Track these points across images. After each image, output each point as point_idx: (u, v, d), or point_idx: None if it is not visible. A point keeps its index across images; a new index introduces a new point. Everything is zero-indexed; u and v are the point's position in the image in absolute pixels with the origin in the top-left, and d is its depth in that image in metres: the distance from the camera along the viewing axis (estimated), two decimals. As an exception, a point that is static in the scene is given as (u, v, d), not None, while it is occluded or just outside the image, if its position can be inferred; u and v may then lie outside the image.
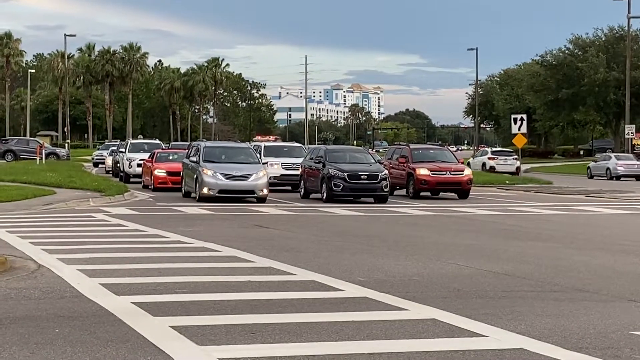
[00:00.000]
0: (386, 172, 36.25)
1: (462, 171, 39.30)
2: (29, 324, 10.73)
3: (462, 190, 38.87)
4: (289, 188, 41.77)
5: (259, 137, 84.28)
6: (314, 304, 12.37)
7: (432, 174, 38.49)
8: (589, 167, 63.38)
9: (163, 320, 10.92)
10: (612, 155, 68.75)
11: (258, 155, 38.87)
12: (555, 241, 21.55)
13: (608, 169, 63.62)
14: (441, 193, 39.74)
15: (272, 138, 72.78)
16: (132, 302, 12.14)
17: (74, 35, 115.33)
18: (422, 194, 39.00)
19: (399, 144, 49.35)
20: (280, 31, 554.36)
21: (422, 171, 38.55)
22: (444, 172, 38.78)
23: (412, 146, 43.28)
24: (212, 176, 33.97)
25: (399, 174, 39.82)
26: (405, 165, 39.71)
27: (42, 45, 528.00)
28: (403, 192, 39.79)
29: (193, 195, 35.14)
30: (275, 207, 31.84)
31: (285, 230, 23.48)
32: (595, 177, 63.46)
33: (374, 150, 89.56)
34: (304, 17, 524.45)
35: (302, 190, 38.13)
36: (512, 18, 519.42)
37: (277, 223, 25.75)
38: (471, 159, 68.51)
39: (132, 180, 48.10)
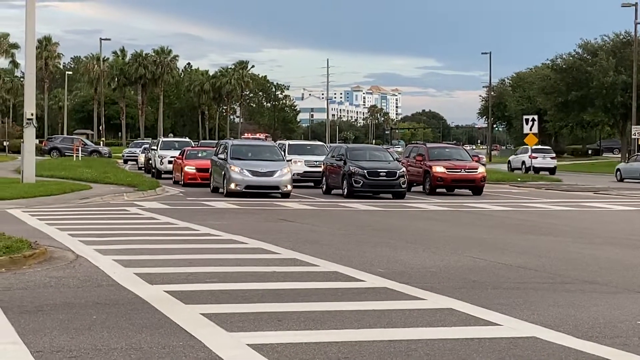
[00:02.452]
0: (404, 169, 36.23)
1: (476, 169, 39.22)
2: (68, 311, 10.79)
3: (476, 187, 38.79)
4: (312, 184, 41.84)
5: (249, 134, 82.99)
6: (336, 293, 12.38)
7: (448, 171, 38.46)
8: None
9: (194, 308, 10.95)
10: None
11: (283, 153, 38.89)
12: (566, 236, 21.48)
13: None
14: (456, 190, 39.66)
15: (262, 136, 70.95)
16: (164, 291, 12.18)
17: (109, 39, 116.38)
18: (437, 190, 38.94)
19: (416, 143, 49.28)
20: (304, 36, 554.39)
21: (438, 169, 38.50)
22: (459, 170, 38.73)
23: (428, 145, 43.24)
24: (239, 173, 34.03)
25: (416, 172, 39.77)
26: (422, 163, 39.64)
27: (79, 49, 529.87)
28: (420, 188, 39.74)
29: (221, 190, 35.21)
30: (299, 202, 31.85)
31: (309, 224, 23.49)
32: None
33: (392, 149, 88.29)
34: (326, 22, 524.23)
35: (324, 187, 38.13)
36: (524, 24, 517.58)
37: (301, 217, 25.77)
38: (512, 156, 74.89)
39: (163, 176, 48.24)
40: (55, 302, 11.36)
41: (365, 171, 35.06)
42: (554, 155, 70.58)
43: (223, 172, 34.81)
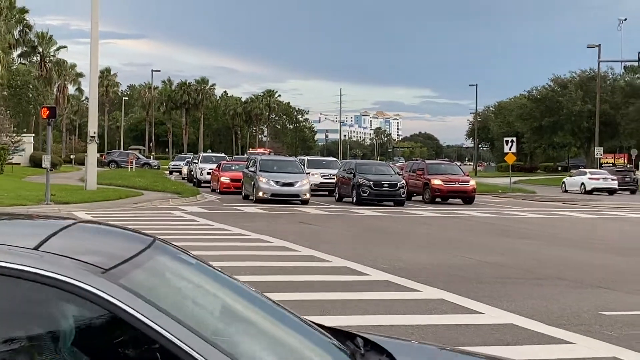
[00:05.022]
0: (404, 181, 36.17)
1: (468, 182, 39.14)
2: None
3: (467, 197, 38.63)
4: (326, 193, 41.76)
5: (252, 150, 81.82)
6: (346, 285, 12.36)
7: (444, 183, 38.37)
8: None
9: (227, 296, 10.93)
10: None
11: (303, 166, 38.91)
12: (539, 239, 21.38)
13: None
14: (450, 199, 39.52)
15: (267, 151, 68.11)
16: (203, 281, 12.16)
17: (159, 71, 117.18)
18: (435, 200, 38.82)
19: (416, 160, 49.18)
20: (322, 69, 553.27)
21: (436, 181, 38.41)
22: (454, 183, 38.62)
23: (427, 161, 43.13)
24: (266, 183, 34.04)
25: (416, 184, 39.68)
26: (421, 176, 39.55)
27: (134, 78, 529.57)
28: (419, 198, 39.64)
29: (251, 197, 35.21)
30: (316, 208, 31.83)
31: (324, 227, 23.46)
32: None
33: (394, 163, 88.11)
34: (340, 58, 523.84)
35: (337, 195, 38.09)
36: (505, 60, 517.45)
37: (317, 220, 25.74)
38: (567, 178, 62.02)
39: (202, 185, 48.24)
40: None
41: (371, 183, 35.04)
42: (614, 177, 56.74)
43: (253, 182, 34.83)
